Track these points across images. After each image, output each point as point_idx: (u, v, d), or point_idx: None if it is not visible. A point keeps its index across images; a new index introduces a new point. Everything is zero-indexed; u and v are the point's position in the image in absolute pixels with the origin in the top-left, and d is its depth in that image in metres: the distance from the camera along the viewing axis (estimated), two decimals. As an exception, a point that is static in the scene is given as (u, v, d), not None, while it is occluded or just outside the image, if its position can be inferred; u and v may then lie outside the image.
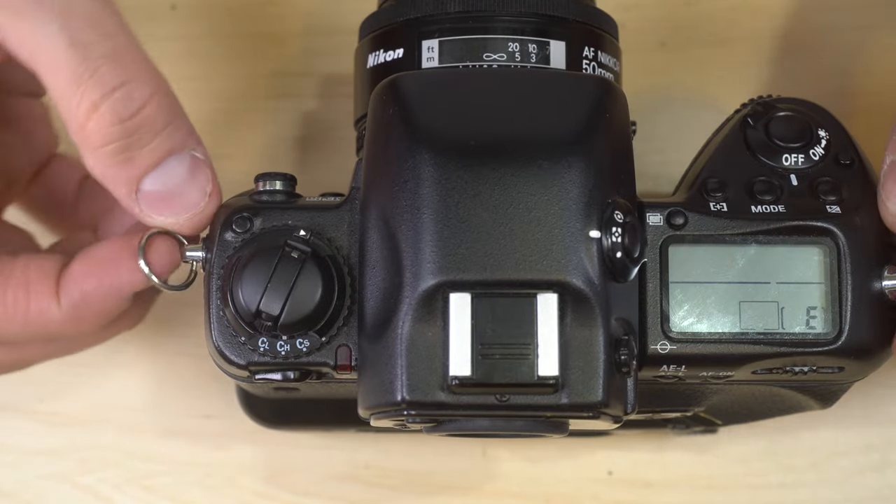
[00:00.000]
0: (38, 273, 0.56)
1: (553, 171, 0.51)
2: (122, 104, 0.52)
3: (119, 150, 0.53)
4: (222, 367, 0.55)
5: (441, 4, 0.56)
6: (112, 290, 0.55)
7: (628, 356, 0.51)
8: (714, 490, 0.67)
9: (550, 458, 0.68)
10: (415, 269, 0.51)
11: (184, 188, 0.54)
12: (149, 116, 0.53)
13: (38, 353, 0.60)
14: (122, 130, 0.52)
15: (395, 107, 0.53)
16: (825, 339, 0.54)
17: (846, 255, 0.54)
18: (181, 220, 0.54)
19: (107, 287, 0.55)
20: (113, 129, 0.52)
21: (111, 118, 0.52)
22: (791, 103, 0.57)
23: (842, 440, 0.67)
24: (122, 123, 0.52)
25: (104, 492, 0.67)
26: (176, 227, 0.55)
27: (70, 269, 0.56)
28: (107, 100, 0.52)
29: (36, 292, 0.55)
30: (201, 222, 0.55)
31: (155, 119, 0.53)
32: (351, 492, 0.68)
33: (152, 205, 0.54)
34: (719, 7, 0.69)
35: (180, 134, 0.54)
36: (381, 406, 0.52)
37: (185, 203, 0.54)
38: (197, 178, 0.54)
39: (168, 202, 0.54)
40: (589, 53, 0.57)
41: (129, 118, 0.52)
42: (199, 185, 0.54)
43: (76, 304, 0.55)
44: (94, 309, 0.56)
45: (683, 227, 0.54)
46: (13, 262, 0.56)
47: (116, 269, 0.55)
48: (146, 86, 0.53)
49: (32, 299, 0.55)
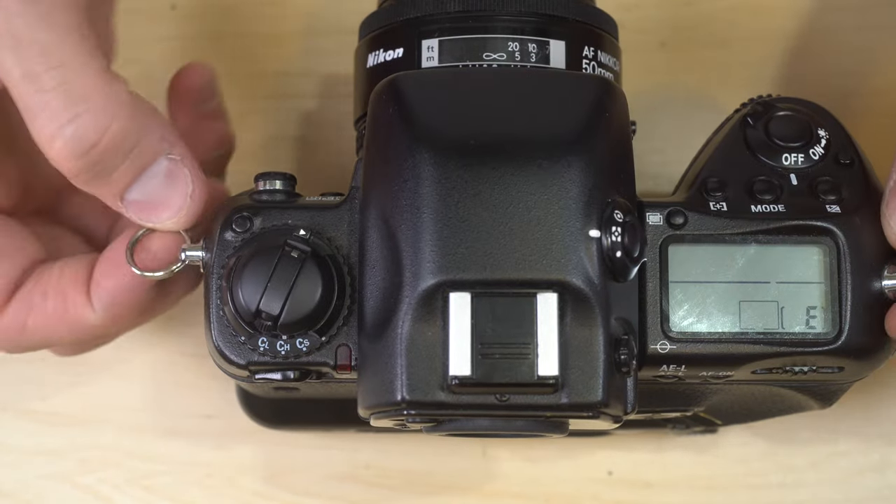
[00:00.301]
0: (71, 280, 0.56)
1: (553, 171, 0.51)
2: (77, 138, 0.51)
3: (89, 179, 0.53)
4: (222, 367, 0.55)
5: (441, 4, 0.56)
6: (131, 285, 0.56)
7: (628, 356, 0.51)
8: (714, 490, 0.67)
9: (550, 458, 0.68)
10: (414, 268, 0.51)
11: (164, 194, 0.54)
12: (110, 145, 0.52)
13: (91, 344, 0.61)
14: (85, 163, 0.52)
15: (395, 106, 0.53)
16: (825, 338, 0.54)
17: (846, 254, 0.54)
18: (168, 224, 0.55)
19: (126, 284, 0.56)
20: (75, 163, 0.52)
21: (69, 153, 0.52)
22: (791, 103, 0.57)
23: (842, 440, 0.67)
24: (82, 156, 0.52)
25: (104, 492, 0.67)
26: (164, 229, 0.55)
27: (94, 273, 0.56)
28: (61, 135, 0.51)
29: (73, 301, 0.56)
30: (188, 220, 0.55)
31: (117, 144, 0.52)
32: (351, 492, 0.68)
33: (139, 212, 0.55)
34: (719, 7, 0.69)
35: (151, 144, 0.54)
36: (381, 406, 0.52)
37: (169, 207, 0.55)
38: (176, 183, 0.54)
39: (153, 209, 0.55)
40: (589, 53, 0.57)
41: (90, 149, 0.52)
42: (178, 189, 0.54)
43: (107, 306, 0.56)
44: (126, 306, 0.56)
45: (683, 227, 0.54)
46: (51, 269, 0.57)
47: (130, 267, 0.55)
48: (101, 113, 0.52)
49: (70, 308, 0.56)
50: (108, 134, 0.52)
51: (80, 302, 0.56)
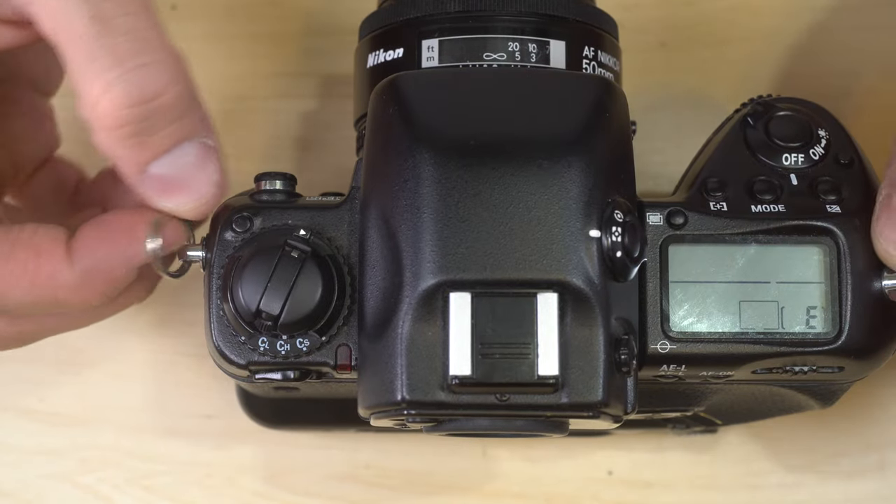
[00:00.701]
0: (47, 237, 0.54)
1: (553, 171, 0.51)
2: (137, 87, 0.50)
3: (129, 134, 0.51)
4: (222, 367, 0.55)
5: (441, 4, 0.56)
6: (124, 257, 0.54)
7: (628, 356, 0.52)
8: (714, 490, 0.67)
9: (550, 458, 0.68)
10: (415, 268, 0.51)
11: (191, 176, 0.53)
12: (164, 103, 0.51)
13: (41, 326, 0.58)
14: (135, 114, 0.50)
15: (395, 106, 0.53)
16: (825, 338, 0.54)
17: (846, 254, 0.54)
18: (186, 208, 0.53)
19: (120, 254, 0.54)
20: (125, 112, 0.50)
21: (124, 100, 0.50)
22: (791, 103, 0.57)
23: (842, 440, 0.67)
24: (135, 107, 0.50)
25: (104, 492, 0.67)
26: (178, 213, 0.54)
27: (82, 234, 0.54)
28: (122, 80, 0.50)
29: (47, 253, 0.53)
30: (205, 211, 0.54)
31: (170, 106, 0.51)
32: (351, 492, 0.68)
33: (158, 189, 0.53)
34: (719, 7, 0.69)
35: (194, 122, 0.52)
36: (381, 405, 0.52)
37: (192, 191, 0.53)
38: (206, 167, 0.53)
39: (174, 188, 0.53)
40: (589, 53, 0.57)
41: (144, 103, 0.50)
42: (207, 174, 0.53)
43: (88, 269, 0.54)
44: (105, 276, 0.54)
45: (683, 227, 0.54)
46: (21, 228, 0.54)
47: (130, 238, 0.54)
48: (165, 71, 0.51)
49: (44, 261, 0.53)
50: (168, 92, 0.51)
51: (56, 257, 0.54)
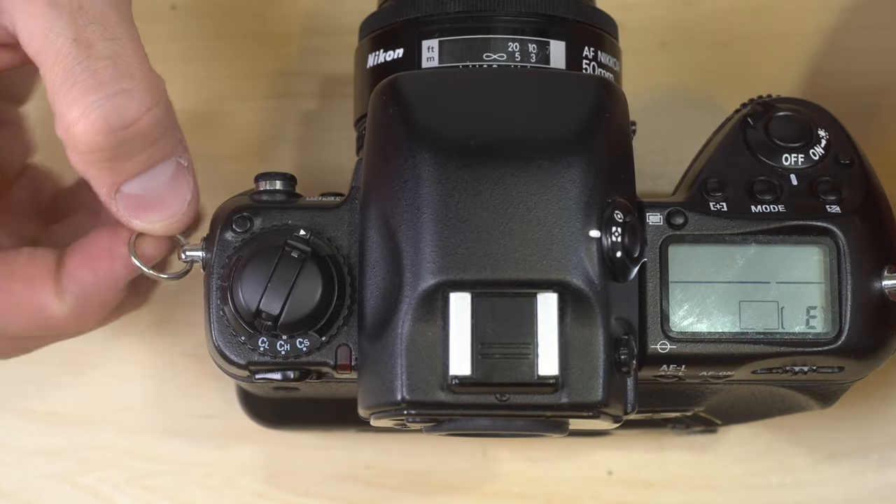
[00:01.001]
0: (40, 267, 0.55)
1: (553, 171, 0.51)
2: (115, 113, 0.50)
3: (104, 159, 0.51)
4: (222, 367, 0.55)
5: (441, 4, 0.56)
6: (108, 280, 0.55)
7: (628, 356, 0.52)
8: (714, 490, 0.67)
9: (550, 458, 0.68)
10: (415, 268, 0.51)
11: (164, 195, 0.53)
12: (140, 129, 0.51)
13: (42, 342, 0.59)
14: (111, 140, 0.51)
15: (395, 107, 0.53)
16: (825, 338, 0.54)
17: (846, 254, 0.54)
18: (157, 226, 0.54)
19: (102, 279, 0.54)
20: (100, 138, 0.50)
21: (101, 126, 0.50)
22: (791, 103, 0.57)
23: (842, 440, 0.67)
24: (112, 133, 0.50)
25: (104, 492, 0.67)
26: (150, 231, 0.54)
27: (65, 263, 0.55)
28: (100, 106, 0.50)
29: (39, 287, 0.54)
30: (177, 228, 0.54)
31: (146, 132, 0.51)
32: (351, 492, 0.68)
33: (131, 208, 0.53)
34: (719, 7, 0.69)
35: (170, 144, 0.53)
36: (381, 406, 0.52)
37: (164, 210, 0.54)
38: (178, 186, 0.53)
39: (147, 208, 0.53)
40: (589, 53, 0.57)
41: (121, 129, 0.50)
42: (179, 193, 0.54)
43: (78, 298, 0.55)
44: (95, 302, 0.55)
45: (683, 227, 0.54)
46: (17, 254, 0.55)
47: (110, 261, 0.54)
48: (144, 96, 0.51)
49: (37, 292, 0.54)
50: (145, 118, 0.51)
51: (48, 290, 0.54)
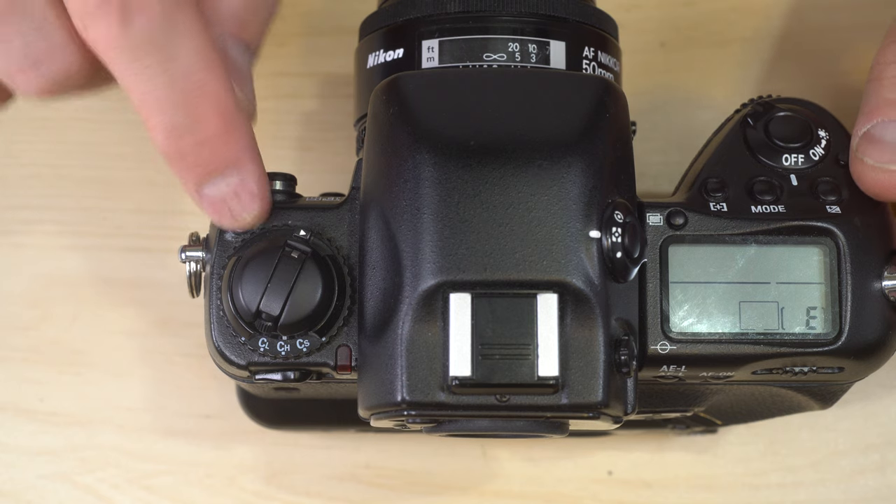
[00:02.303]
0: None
1: (553, 172, 0.51)
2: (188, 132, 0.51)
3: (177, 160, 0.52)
4: (222, 368, 0.55)
5: (441, 4, 0.56)
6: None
7: (628, 356, 0.52)
8: (714, 490, 0.67)
9: (550, 458, 0.68)
10: (415, 269, 0.51)
11: (232, 203, 0.53)
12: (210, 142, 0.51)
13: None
14: (175, 148, 0.51)
15: (396, 106, 0.53)
16: (825, 339, 0.54)
17: (846, 255, 0.54)
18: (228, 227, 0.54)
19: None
20: (166, 145, 0.51)
21: (162, 134, 0.51)
22: (791, 103, 0.57)
23: (842, 440, 0.67)
24: (174, 141, 0.51)
25: (104, 492, 0.67)
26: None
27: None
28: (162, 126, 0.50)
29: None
30: (247, 227, 0.54)
31: (214, 146, 0.51)
32: (351, 492, 0.68)
33: (209, 208, 0.53)
34: (719, 7, 0.69)
35: (238, 154, 0.53)
36: (381, 406, 0.52)
37: (233, 218, 0.54)
38: (242, 200, 0.53)
39: (222, 211, 0.53)
40: (589, 53, 0.57)
41: (181, 137, 0.51)
42: (243, 206, 0.54)
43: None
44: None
45: (683, 227, 0.54)
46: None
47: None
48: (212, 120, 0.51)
49: None
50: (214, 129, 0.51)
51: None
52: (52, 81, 0.51)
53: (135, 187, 0.68)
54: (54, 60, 0.51)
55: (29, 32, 0.50)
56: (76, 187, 0.68)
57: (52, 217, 0.68)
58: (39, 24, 0.50)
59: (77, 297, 0.68)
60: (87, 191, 0.68)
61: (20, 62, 0.50)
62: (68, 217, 0.68)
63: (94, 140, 0.68)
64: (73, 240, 0.68)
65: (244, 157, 0.52)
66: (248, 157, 0.52)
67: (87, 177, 0.68)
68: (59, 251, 0.68)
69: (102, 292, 0.68)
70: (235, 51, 0.53)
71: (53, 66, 0.51)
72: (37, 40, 0.50)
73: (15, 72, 0.51)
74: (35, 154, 0.68)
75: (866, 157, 0.54)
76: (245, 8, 0.53)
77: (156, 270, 0.68)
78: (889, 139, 0.54)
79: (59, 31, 0.50)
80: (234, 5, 0.53)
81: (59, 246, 0.68)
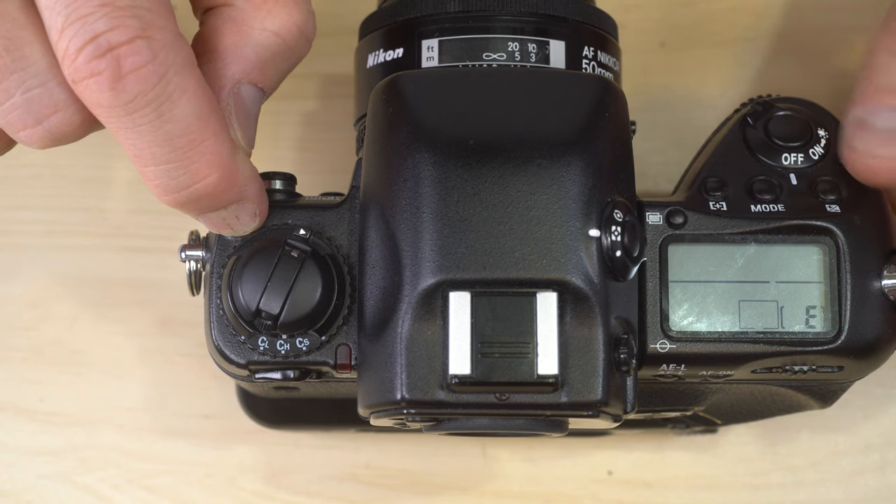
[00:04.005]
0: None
1: (553, 171, 0.51)
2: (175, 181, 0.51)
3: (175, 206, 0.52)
4: (222, 367, 0.55)
5: (441, 4, 0.56)
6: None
7: (628, 355, 0.52)
8: (714, 490, 0.67)
9: (550, 458, 0.68)
10: (414, 267, 0.51)
11: (232, 222, 0.54)
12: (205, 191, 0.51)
13: None
14: (174, 200, 0.51)
15: (395, 106, 0.53)
16: (825, 338, 0.54)
17: (846, 254, 0.54)
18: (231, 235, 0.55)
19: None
20: (165, 198, 0.51)
21: (159, 189, 0.51)
22: (791, 103, 0.57)
23: (842, 440, 0.67)
24: (172, 195, 0.51)
25: (104, 492, 0.67)
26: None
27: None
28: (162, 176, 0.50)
29: None
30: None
31: (212, 196, 0.51)
32: (351, 492, 0.68)
33: (212, 226, 0.54)
34: (719, 7, 0.69)
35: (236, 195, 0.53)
36: (381, 405, 0.52)
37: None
38: (241, 219, 0.54)
39: (222, 228, 0.54)
40: (589, 53, 0.57)
41: (178, 192, 0.51)
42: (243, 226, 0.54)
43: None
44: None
45: (683, 227, 0.54)
46: None
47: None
48: (207, 167, 0.51)
49: None
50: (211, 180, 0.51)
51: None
52: (55, 135, 0.52)
53: (135, 187, 0.68)
54: (57, 116, 0.51)
55: (32, 90, 0.50)
56: (76, 187, 0.68)
57: (52, 217, 0.68)
58: (42, 81, 0.50)
59: (77, 297, 0.68)
60: (87, 191, 0.68)
61: (24, 119, 0.51)
62: (68, 217, 0.68)
63: (94, 140, 0.68)
64: (73, 240, 0.68)
65: (243, 194, 0.52)
66: (247, 192, 0.52)
67: (87, 177, 0.68)
68: (60, 251, 0.68)
69: (102, 292, 0.68)
70: (247, 92, 0.53)
71: (55, 121, 0.51)
72: (40, 97, 0.50)
73: (19, 129, 0.51)
74: (35, 154, 0.68)
75: (857, 143, 0.55)
76: (268, 58, 0.53)
77: (156, 270, 0.68)
78: (880, 126, 0.54)
79: (61, 89, 0.50)
80: (257, 52, 0.53)
81: (59, 246, 0.68)
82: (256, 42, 0.53)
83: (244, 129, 0.53)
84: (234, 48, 0.53)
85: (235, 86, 0.53)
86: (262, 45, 0.53)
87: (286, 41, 0.53)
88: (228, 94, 0.53)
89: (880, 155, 0.54)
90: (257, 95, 0.54)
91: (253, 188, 0.53)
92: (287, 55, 0.54)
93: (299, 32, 0.53)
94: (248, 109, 0.53)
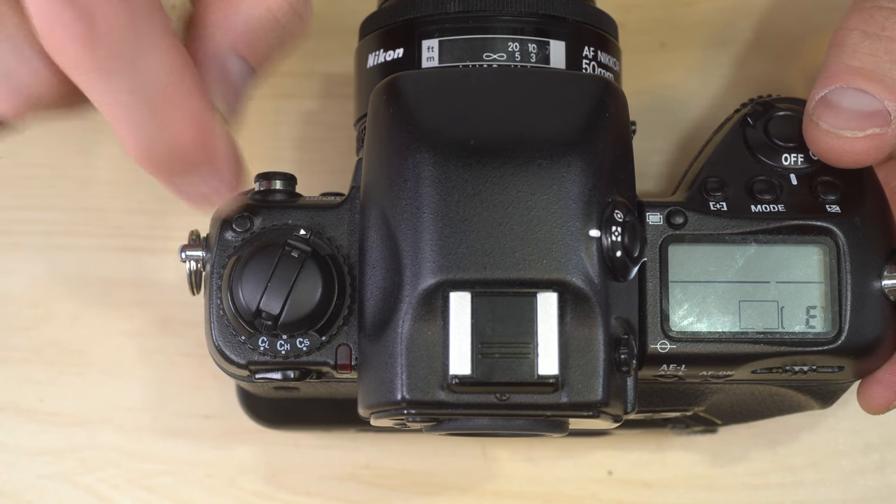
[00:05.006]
0: None
1: (553, 171, 0.51)
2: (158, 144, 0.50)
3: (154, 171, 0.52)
4: (222, 367, 0.55)
5: (441, 4, 0.56)
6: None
7: (628, 355, 0.52)
8: (714, 490, 0.67)
9: (550, 458, 0.68)
10: (415, 268, 0.51)
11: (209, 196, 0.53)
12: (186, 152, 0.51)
13: None
14: (148, 158, 0.51)
15: (395, 106, 0.53)
16: (825, 338, 0.54)
17: (846, 254, 0.54)
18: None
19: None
20: (139, 155, 0.51)
21: (134, 147, 0.50)
22: (791, 103, 0.57)
23: (842, 440, 0.67)
24: (146, 151, 0.51)
25: (104, 492, 0.67)
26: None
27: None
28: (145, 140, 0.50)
29: None
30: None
31: (186, 154, 0.51)
32: (351, 492, 0.68)
33: (189, 200, 0.53)
34: (719, 7, 0.69)
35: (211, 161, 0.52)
36: (382, 405, 0.52)
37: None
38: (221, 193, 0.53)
39: (198, 202, 0.53)
40: (589, 53, 0.57)
41: (152, 148, 0.50)
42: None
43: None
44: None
45: (683, 227, 0.54)
46: None
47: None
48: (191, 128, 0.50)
49: None
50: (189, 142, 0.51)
51: None
52: (24, 97, 0.51)
53: (135, 187, 0.68)
54: (25, 73, 0.50)
55: None
56: (76, 187, 0.68)
57: (52, 217, 0.68)
58: (9, 37, 0.50)
59: (77, 297, 0.68)
60: (87, 191, 0.68)
61: None
62: (68, 217, 0.68)
63: (94, 140, 0.69)
64: (73, 240, 0.68)
65: (217, 157, 0.52)
66: (221, 156, 0.52)
67: (87, 177, 0.68)
68: (60, 251, 0.68)
69: (102, 292, 0.68)
70: (232, 64, 0.53)
71: (23, 78, 0.50)
72: (6, 53, 0.50)
73: None
74: (35, 154, 0.68)
75: (821, 122, 0.54)
76: (256, 30, 0.53)
77: (156, 270, 0.68)
78: (845, 105, 0.54)
79: (29, 45, 0.50)
80: (245, 23, 0.53)
81: (59, 246, 0.68)
82: (246, 14, 0.52)
83: (228, 100, 0.53)
84: (224, 19, 0.52)
85: (222, 56, 0.52)
86: (251, 17, 0.52)
87: (277, 17, 0.53)
88: (212, 62, 0.52)
89: (844, 136, 0.54)
90: (245, 70, 0.53)
91: (227, 153, 0.52)
92: (278, 32, 0.53)
93: (291, 9, 0.53)
94: (233, 82, 0.53)
